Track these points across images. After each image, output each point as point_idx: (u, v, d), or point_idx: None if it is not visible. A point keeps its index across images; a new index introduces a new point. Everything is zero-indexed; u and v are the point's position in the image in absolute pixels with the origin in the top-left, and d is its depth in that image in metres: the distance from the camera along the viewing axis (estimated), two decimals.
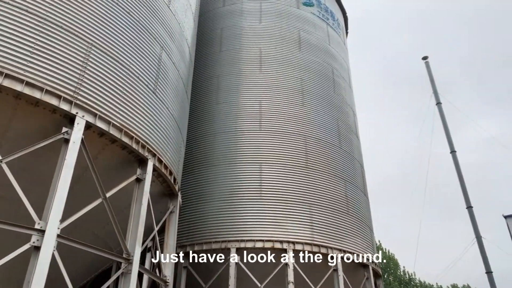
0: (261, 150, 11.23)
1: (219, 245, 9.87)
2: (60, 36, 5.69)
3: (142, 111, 6.71)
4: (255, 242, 9.88)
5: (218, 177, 10.90)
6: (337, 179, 11.90)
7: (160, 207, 7.89)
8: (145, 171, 6.47)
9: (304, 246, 10.12)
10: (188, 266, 10.07)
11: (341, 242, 10.87)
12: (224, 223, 10.17)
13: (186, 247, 10.12)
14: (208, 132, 11.80)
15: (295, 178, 11.03)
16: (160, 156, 6.91)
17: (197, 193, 10.83)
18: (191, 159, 11.46)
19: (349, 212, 11.73)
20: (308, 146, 11.79)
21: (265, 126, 11.65)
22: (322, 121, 12.65)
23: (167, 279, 7.23)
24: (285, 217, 10.37)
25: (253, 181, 10.75)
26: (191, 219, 10.51)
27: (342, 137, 13.12)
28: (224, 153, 11.26)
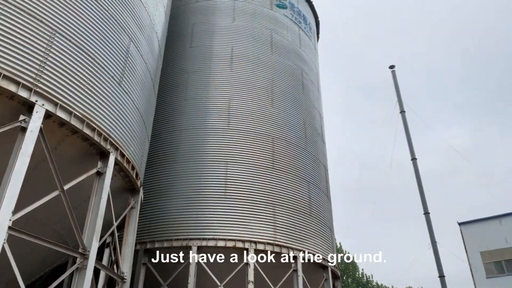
0: (228, 149, 11.20)
1: (180, 243, 9.75)
2: (22, 20, 5.44)
3: (106, 102, 6.53)
4: (217, 241, 9.83)
5: (183, 174, 10.78)
6: (301, 181, 12.04)
7: (121, 202, 7.71)
8: (106, 164, 6.30)
9: (266, 246, 10.17)
10: (148, 263, 9.90)
11: (303, 243, 11.00)
12: (187, 221, 10.06)
13: (146, 244, 9.94)
14: (174, 128, 11.64)
15: (261, 178, 11.07)
16: (122, 149, 6.75)
17: (160, 190, 10.66)
18: (156, 154, 11.27)
19: (312, 213, 11.90)
20: (276, 147, 11.86)
21: (234, 125, 11.62)
22: (290, 122, 12.77)
23: (125, 275, 7.07)
24: (249, 217, 10.38)
25: (219, 180, 10.70)
26: (152, 216, 10.33)
27: (309, 139, 13.29)
28: (190, 150, 11.15)
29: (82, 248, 5.69)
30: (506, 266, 33.21)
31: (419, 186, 25.34)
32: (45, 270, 9.36)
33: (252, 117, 11.94)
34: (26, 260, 7.04)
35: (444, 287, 22.30)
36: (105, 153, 6.36)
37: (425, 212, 24.36)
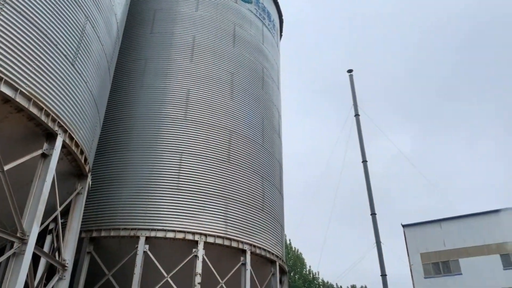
0: (184, 140, 11.03)
1: (128, 233, 9.51)
2: None
3: (56, 82, 6.22)
4: (166, 232, 9.68)
5: (134, 162, 10.50)
6: (256, 176, 12.11)
7: (67, 187, 7.39)
8: (53, 146, 6.00)
9: (216, 239, 10.15)
10: (92, 251, 9.57)
11: (253, 237, 11.08)
12: (136, 210, 9.82)
13: (92, 232, 9.60)
14: (129, 115, 11.30)
15: (215, 171, 11.01)
16: (71, 132, 6.46)
17: (110, 177, 10.32)
18: (107, 141, 10.90)
19: (264, 209, 12.01)
20: (232, 141, 11.84)
21: (191, 116, 11.47)
22: (249, 118, 12.78)
23: (66, 263, 6.79)
24: (200, 209, 10.30)
25: (172, 171, 10.52)
26: (100, 203, 9.99)
27: (266, 135, 13.38)
28: (143, 138, 10.87)
29: (21, 232, 5.40)
30: (442, 268, 35.22)
31: (368, 187, 26.28)
32: None
33: (210, 109, 11.84)
34: None
35: (385, 285, 23.31)
36: (52, 134, 6.05)
37: (372, 213, 25.31)
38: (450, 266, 34.75)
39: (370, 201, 25.75)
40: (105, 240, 9.67)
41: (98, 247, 9.70)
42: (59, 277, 6.68)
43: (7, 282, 5.16)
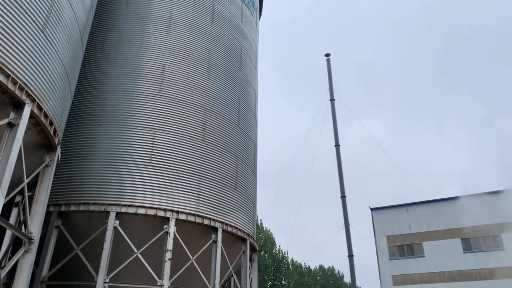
0: (158, 116, 10.85)
1: (98, 208, 9.38)
2: None
3: (25, 49, 5.95)
4: (137, 208, 9.60)
5: (106, 137, 10.28)
6: (230, 155, 12.10)
7: (35, 159, 7.18)
8: (20, 116, 5.78)
9: (188, 216, 10.15)
10: (61, 226, 9.40)
11: (225, 215, 11.15)
12: (106, 186, 9.67)
13: (60, 206, 9.41)
14: (101, 88, 10.99)
15: (189, 149, 10.93)
16: (40, 102, 6.24)
17: (80, 151, 10.09)
18: (78, 114, 10.60)
19: (237, 188, 12.06)
20: (207, 119, 11.74)
21: (165, 91, 11.26)
22: (225, 97, 12.67)
23: (33, 236, 6.65)
24: (173, 187, 10.25)
25: (144, 146, 10.37)
26: (69, 177, 9.77)
27: (241, 115, 13.34)
28: (116, 113, 10.63)
29: None
30: (407, 250, 36.60)
31: (339, 171, 26.79)
32: None
33: (185, 86, 11.66)
34: None
35: (352, 265, 24.07)
36: (19, 103, 5.82)
37: (342, 195, 25.89)
38: (414, 248, 36.15)
39: (340, 184, 26.30)
40: (74, 215, 9.51)
41: (66, 222, 9.53)
42: (25, 249, 6.55)
43: None
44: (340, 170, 26.49)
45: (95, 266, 8.93)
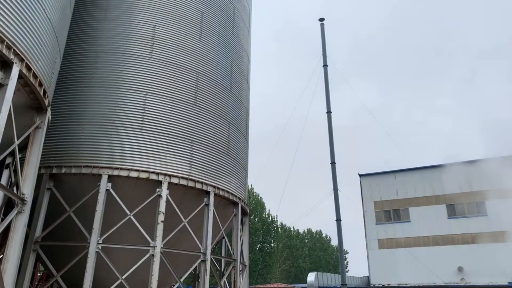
0: (149, 79, 10.67)
1: (90, 170, 9.37)
2: None
3: (12, 7, 5.71)
4: (129, 171, 9.61)
5: (97, 99, 10.12)
6: (222, 120, 12.06)
7: (25, 121, 7.07)
8: (9, 76, 5.63)
9: (181, 180, 10.21)
10: (53, 188, 9.41)
11: (217, 179, 11.24)
12: (98, 149, 9.62)
13: (52, 168, 9.38)
14: (91, 49, 10.72)
15: (181, 113, 10.84)
16: (29, 62, 6.07)
17: (71, 113, 9.95)
18: (68, 75, 10.38)
19: (229, 153, 12.11)
20: (199, 83, 11.59)
21: (157, 54, 11.03)
22: (217, 60, 12.47)
23: (25, 197, 6.66)
24: (165, 150, 10.24)
25: (136, 110, 10.26)
26: (60, 140, 9.69)
27: (234, 80, 13.18)
28: (106, 75, 10.42)
29: None
30: (393, 215, 37.56)
31: (330, 137, 26.95)
32: None
33: (177, 48, 11.41)
34: None
35: (340, 229, 24.70)
36: (7, 63, 5.66)
37: (332, 162, 26.18)
38: (400, 214, 37.13)
39: (331, 151, 26.53)
40: (66, 177, 9.51)
41: (58, 184, 9.54)
42: (18, 210, 6.57)
43: None
44: (331, 137, 26.65)
45: (88, 228, 9.03)
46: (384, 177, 38.97)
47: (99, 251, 8.93)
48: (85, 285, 8.51)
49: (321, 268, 64.60)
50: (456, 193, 35.28)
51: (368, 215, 38.08)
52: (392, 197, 37.74)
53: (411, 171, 37.75)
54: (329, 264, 71.33)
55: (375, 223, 37.49)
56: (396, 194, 37.64)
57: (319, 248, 71.53)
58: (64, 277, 9.41)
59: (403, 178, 37.89)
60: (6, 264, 6.23)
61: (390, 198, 37.78)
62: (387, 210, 37.67)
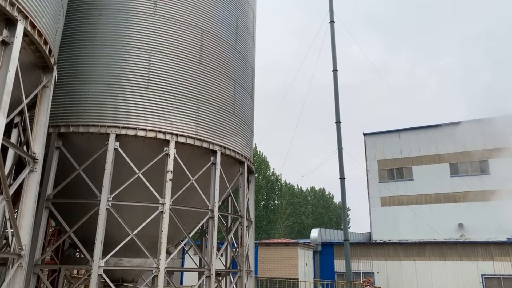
0: (153, 37, 10.47)
1: (98, 129, 9.42)
2: None
3: None
4: (137, 130, 9.65)
5: (102, 58, 9.99)
6: (228, 79, 11.94)
7: (31, 80, 7.03)
8: (14, 34, 5.53)
9: (187, 139, 10.27)
10: (61, 147, 9.51)
11: (223, 138, 11.30)
12: (105, 108, 9.62)
13: (60, 127, 9.44)
14: (93, 6, 10.45)
15: (187, 72, 10.72)
16: (33, 20, 5.95)
17: (77, 72, 9.86)
18: (72, 33, 10.19)
19: (235, 112, 12.08)
20: (204, 41, 11.37)
21: (160, 10, 10.75)
22: (222, 16, 12.15)
23: (36, 156, 6.75)
24: (171, 109, 10.23)
25: (141, 69, 10.14)
26: (67, 99, 9.67)
27: (239, 37, 12.91)
28: (111, 32, 10.22)
29: None
30: (396, 173, 37.92)
31: (336, 96, 26.74)
32: None
33: (181, 4, 11.10)
34: None
35: (343, 187, 25.06)
36: (12, 20, 5.55)
37: (337, 121, 26.13)
38: (403, 172, 37.48)
39: (336, 110, 26.40)
40: (74, 136, 9.58)
41: (67, 143, 9.63)
42: (30, 169, 6.68)
43: None
44: (337, 95, 26.44)
45: (98, 186, 9.21)
46: (388, 136, 39.01)
47: (110, 208, 9.15)
48: (97, 241, 8.80)
49: (323, 225, 66.22)
50: (459, 151, 35.40)
51: (372, 173, 38.47)
52: (396, 155, 37.95)
53: (416, 130, 37.71)
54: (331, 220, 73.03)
55: (378, 181, 37.93)
56: (400, 153, 37.82)
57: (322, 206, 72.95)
58: (76, 233, 9.71)
59: (408, 137, 37.92)
60: (21, 220, 6.42)
61: (394, 156, 38.00)
62: (390, 168, 38.00)
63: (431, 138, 36.43)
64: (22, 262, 6.37)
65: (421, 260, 29.35)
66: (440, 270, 28.59)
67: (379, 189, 37.73)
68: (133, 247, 9.79)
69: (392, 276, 29.84)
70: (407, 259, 29.77)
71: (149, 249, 9.50)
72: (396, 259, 30.12)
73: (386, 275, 30.01)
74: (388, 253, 30.53)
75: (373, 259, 30.86)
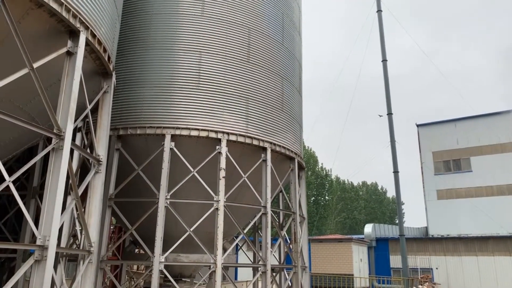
0: (202, 38, 10.72)
1: (154, 131, 9.81)
2: None
3: None
4: (190, 130, 9.95)
5: (155, 62, 10.39)
6: (275, 76, 11.97)
7: (93, 86, 7.46)
8: (77, 44, 5.90)
9: (238, 137, 10.43)
10: (121, 148, 10.01)
11: (273, 135, 11.35)
12: (160, 110, 10.00)
13: (119, 130, 9.93)
14: (143, 12, 10.88)
15: (235, 71, 10.89)
16: (93, 29, 6.31)
17: (132, 77, 10.33)
18: (126, 39, 10.67)
19: (283, 108, 12.10)
20: (252, 39, 11.48)
21: (208, 12, 10.98)
22: (268, 14, 12.19)
23: (101, 158, 7.16)
24: (222, 109, 10.43)
25: (192, 70, 10.43)
26: (124, 103, 10.16)
27: (286, 33, 12.89)
28: (162, 36, 10.59)
29: (57, 129, 5.61)
30: (453, 165, 36.17)
31: (386, 87, 25.95)
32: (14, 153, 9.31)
33: (228, 4, 11.27)
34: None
35: (397, 181, 24.28)
36: (74, 31, 5.92)
37: (389, 112, 25.36)
38: (460, 164, 35.66)
39: (387, 100, 25.64)
40: (132, 138, 10.04)
41: (125, 145, 10.11)
42: (95, 171, 7.10)
43: (50, 175, 5.51)
44: (387, 86, 25.66)
45: (156, 185, 9.59)
46: (443, 126, 37.26)
47: (168, 206, 9.51)
48: (157, 237, 9.18)
49: (376, 220, 64.60)
50: None
51: (427, 165, 36.96)
52: (452, 146, 36.16)
53: (474, 119, 35.71)
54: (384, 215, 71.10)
55: (433, 173, 36.39)
56: (456, 144, 36.01)
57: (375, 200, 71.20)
58: (136, 230, 10.17)
59: (465, 126, 35.98)
60: (89, 219, 6.85)
61: (450, 148, 36.24)
62: (446, 160, 36.30)
63: (491, 127, 34.34)
64: (91, 258, 6.80)
65: (484, 256, 27.85)
66: (506, 266, 26.97)
67: (435, 182, 36.18)
68: (190, 244, 10.12)
69: (452, 272, 28.58)
70: (468, 255, 28.37)
71: (205, 245, 9.77)
72: (456, 255, 28.80)
73: (445, 271, 28.79)
74: (447, 248, 29.25)
75: (431, 254, 29.71)
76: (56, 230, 5.30)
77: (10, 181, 4.99)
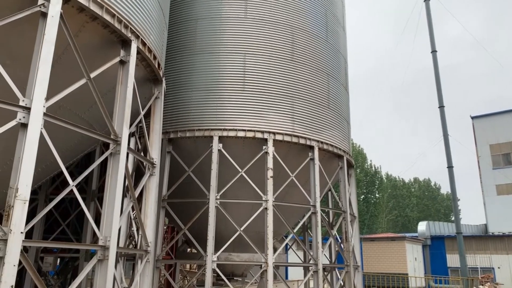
0: (246, 40, 10.84)
1: (202, 133, 10.05)
2: None
3: None
4: (237, 131, 10.09)
5: (201, 65, 10.64)
6: (320, 73, 11.85)
7: (144, 93, 7.77)
8: (129, 53, 6.19)
9: (285, 136, 10.44)
10: (172, 151, 10.34)
11: (320, 133, 11.24)
12: (207, 112, 10.23)
13: (169, 134, 10.27)
14: (190, 17, 11.17)
15: (280, 70, 10.90)
16: (143, 38, 6.57)
17: (180, 81, 10.64)
18: (173, 45, 11.01)
19: (330, 106, 11.95)
20: (295, 38, 11.44)
21: (251, 14, 11.08)
22: (311, 11, 12.10)
23: (155, 161, 7.44)
24: (268, 108, 10.48)
25: (237, 72, 10.57)
26: (173, 107, 10.49)
27: (329, 29, 12.73)
28: (207, 40, 10.83)
29: (114, 134, 5.90)
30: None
31: (437, 79, 24.90)
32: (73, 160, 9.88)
33: (270, 5, 11.31)
34: (57, 147, 7.37)
35: (452, 176, 23.22)
36: (126, 41, 6.21)
37: (440, 105, 24.32)
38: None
39: (438, 93, 24.60)
40: (182, 141, 10.35)
41: (176, 147, 10.44)
42: (150, 173, 7.40)
43: (109, 179, 5.81)
44: (438, 78, 24.61)
45: (206, 185, 9.82)
46: (500, 117, 35.15)
47: (218, 206, 9.70)
48: (209, 237, 9.39)
49: (430, 217, 62.06)
50: None
51: (484, 159, 35.03)
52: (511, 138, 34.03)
53: None
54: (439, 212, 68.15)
55: (491, 167, 34.43)
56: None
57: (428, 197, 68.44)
58: (188, 230, 10.46)
59: None
60: (146, 220, 7.15)
61: (510, 140, 34.11)
62: (506, 153, 34.21)
63: None
64: (149, 257, 7.09)
65: None
66: None
67: (494, 176, 34.20)
68: (240, 243, 10.25)
69: None
70: None
71: (255, 245, 9.86)
72: None
73: (509, 270, 27.12)
74: (510, 247, 27.54)
75: (492, 253, 28.11)
76: (116, 231, 5.58)
77: (73, 185, 5.31)
